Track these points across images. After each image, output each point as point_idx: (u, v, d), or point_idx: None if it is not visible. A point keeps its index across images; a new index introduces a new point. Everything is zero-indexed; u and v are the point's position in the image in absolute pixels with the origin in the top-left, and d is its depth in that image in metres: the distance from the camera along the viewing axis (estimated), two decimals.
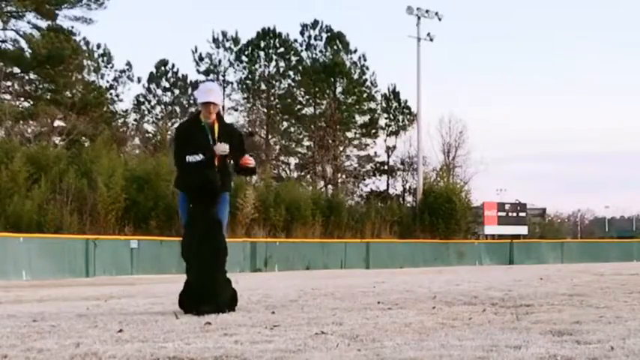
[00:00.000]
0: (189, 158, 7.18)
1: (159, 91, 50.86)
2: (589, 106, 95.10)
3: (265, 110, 49.95)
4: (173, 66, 50.74)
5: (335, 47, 49.63)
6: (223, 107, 49.91)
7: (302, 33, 50.01)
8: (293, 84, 50.17)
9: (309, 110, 50.19)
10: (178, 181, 7.46)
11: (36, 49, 36.33)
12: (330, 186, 46.50)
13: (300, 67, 49.72)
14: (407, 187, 49.14)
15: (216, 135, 7.22)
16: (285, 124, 51.07)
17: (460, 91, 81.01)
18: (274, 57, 49.67)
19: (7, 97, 38.26)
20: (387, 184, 50.11)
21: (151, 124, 50.87)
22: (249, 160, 7.44)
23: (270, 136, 50.07)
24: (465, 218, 40.18)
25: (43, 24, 37.89)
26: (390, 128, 50.48)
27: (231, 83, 50.01)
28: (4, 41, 37.83)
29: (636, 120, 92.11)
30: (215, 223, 7.08)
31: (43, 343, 4.49)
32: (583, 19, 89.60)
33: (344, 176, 49.33)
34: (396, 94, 50.66)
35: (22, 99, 39.80)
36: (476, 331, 4.85)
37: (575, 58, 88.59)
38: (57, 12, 38.05)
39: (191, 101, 49.76)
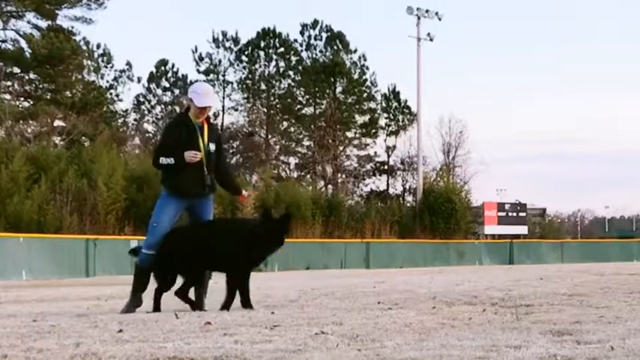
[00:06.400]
0: (163, 160, 7.20)
1: (159, 91, 50.92)
2: (589, 106, 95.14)
3: (265, 110, 49.97)
4: (173, 66, 50.83)
5: (335, 47, 49.65)
6: (223, 107, 50.03)
7: (302, 33, 50.07)
8: (293, 84, 50.22)
9: (309, 110, 50.23)
10: (169, 181, 7.32)
11: (36, 49, 36.34)
12: (330, 186, 46.52)
13: (300, 67, 49.75)
14: (407, 187, 49.23)
15: (206, 135, 7.26)
16: (285, 124, 51.11)
17: (460, 91, 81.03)
18: (274, 57, 49.71)
19: (7, 97, 38.28)
20: (387, 184, 50.18)
21: (151, 124, 50.97)
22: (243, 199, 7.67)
23: (270, 136, 50.10)
24: (464, 218, 40.18)
25: (43, 24, 37.96)
26: (390, 128, 50.54)
27: (231, 83, 50.10)
28: (4, 41, 37.89)
29: (636, 120, 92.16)
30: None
31: (43, 343, 4.49)
32: (583, 20, 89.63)
33: (344, 176, 49.35)
34: (396, 94, 50.71)
35: (22, 99, 39.83)
36: (476, 331, 4.85)
37: (575, 58, 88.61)
38: (57, 12, 38.08)
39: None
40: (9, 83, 38.82)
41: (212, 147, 7.28)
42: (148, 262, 7.21)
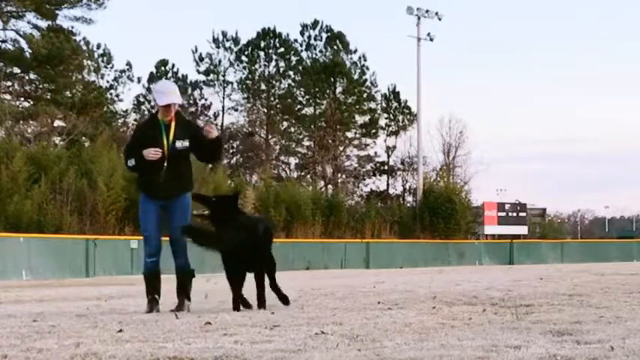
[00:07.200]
0: (129, 162, 7.30)
1: None
2: (589, 106, 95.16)
3: (265, 110, 49.96)
4: (173, 66, 50.82)
5: (335, 47, 49.65)
6: (223, 107, 50.02)
7: (302, 33, 50.07)
8: (293, 84, 50.20)
9: (309, 110, 50.22)
10: (138, 182, 7.51)
11: (36, 49, 36.31)
12: (330, 186, 46.51)
13: (300, 67, 49.74)
14: (407, 187, 49.23)
15: (172, 133, 7.21)
16: (285, 124, 51.09)
17: (460, 91, 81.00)
18: (274, 57, 49.70)
19: (7, 97, 38.25)
20: (387, 184, 50.18)
21: None
22: (211, 129, 7.24)
23: (270, 136, 50.08)
24: (465, 218, 40.14)
25: (43, 24, 37.91)
26: (390, 128, 50.53)
27: (231, 83, 50.07)
28: (4, 41, 37.86)
29: (636, 120, 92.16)
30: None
31: (43, 343, 4.49)
32: (583, 20, 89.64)
33: (344, 176, 49.35)
34: (396, 94, 50.70)
35: (22, 99, 39.80)
36: (476, 331, 4.85)
37: (575, 57, 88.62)
38: (57, 12, 38.04)
39: (190, 101, 49.81)
40: (9, 83, 38.79)
41: (179, 144, 7.21)
42: (152, 268, 7.32)
